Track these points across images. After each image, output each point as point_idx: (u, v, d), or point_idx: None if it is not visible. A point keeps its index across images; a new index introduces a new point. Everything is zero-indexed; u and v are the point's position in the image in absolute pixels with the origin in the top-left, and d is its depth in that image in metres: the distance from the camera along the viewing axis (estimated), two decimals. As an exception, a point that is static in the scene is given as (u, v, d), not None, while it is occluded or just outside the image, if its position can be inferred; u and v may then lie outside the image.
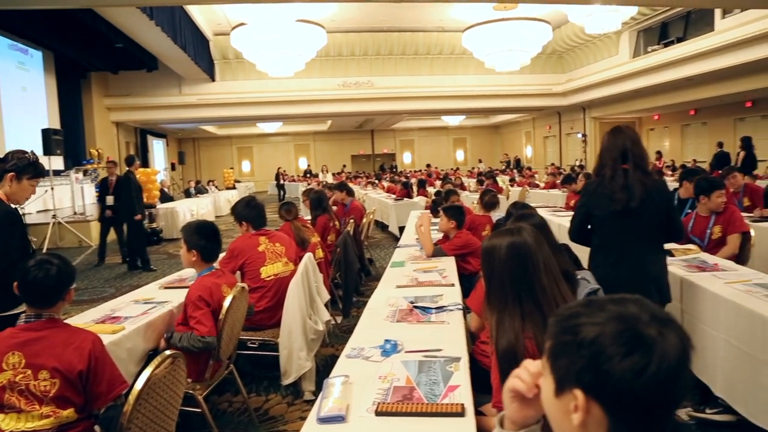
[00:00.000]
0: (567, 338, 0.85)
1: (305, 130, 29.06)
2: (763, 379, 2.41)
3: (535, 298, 1.68)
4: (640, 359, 0.79)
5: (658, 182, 2.87)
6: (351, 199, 6.84)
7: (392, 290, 3.14)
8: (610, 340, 0.81)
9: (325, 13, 14.89)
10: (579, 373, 0.82)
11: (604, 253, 2.87)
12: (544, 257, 1.74)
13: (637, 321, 0.82)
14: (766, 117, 16.70)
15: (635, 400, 0.80)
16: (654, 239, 2.81)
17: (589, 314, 0.85)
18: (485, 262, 1.79)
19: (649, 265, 2.78)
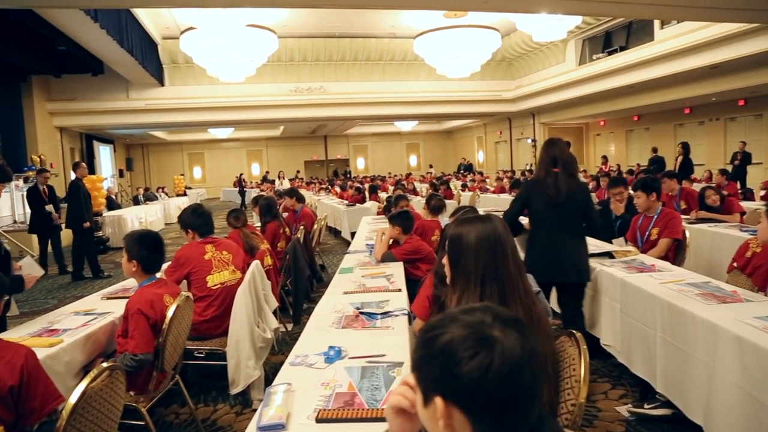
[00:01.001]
0: (425, 351, 0.91)
1: (258, 136, 28.74)
2: (695, 374, 2.53)
3: (500, 284, 1.68)
4: (485, 358, 0.84)
5: (580, 184, 3.48)
6: (301, 205, 6.81)
7: (339, 297, 3.15)
8: (458, 346, 0.86)
9: (277, 18, 14.79)
10: (437, 381, 0.88)
11: (536, 240, 3.51)
12: (512, 246, 1.76)
13: (481, 325, 0.89)
14: (703, 123, 17.50)
15: (488, 398, 0.84)
16: (575, 229, 3.43)
17: (442, 326, 0.91)
18: (453, 247, 1.78)
19: (570, 250, 3.40)
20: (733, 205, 5.64)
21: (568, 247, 3.39)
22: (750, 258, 3.35)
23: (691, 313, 2.51)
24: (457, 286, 1.73)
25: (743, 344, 2.16)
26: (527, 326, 0.93)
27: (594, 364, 3.83)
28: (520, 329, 0.90)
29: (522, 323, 0.93)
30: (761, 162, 14.51)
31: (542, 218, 3.47)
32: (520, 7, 8.84)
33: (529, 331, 0.92)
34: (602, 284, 3.47)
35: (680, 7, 7.92)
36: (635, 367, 3.12)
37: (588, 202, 3.48)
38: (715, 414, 2.36)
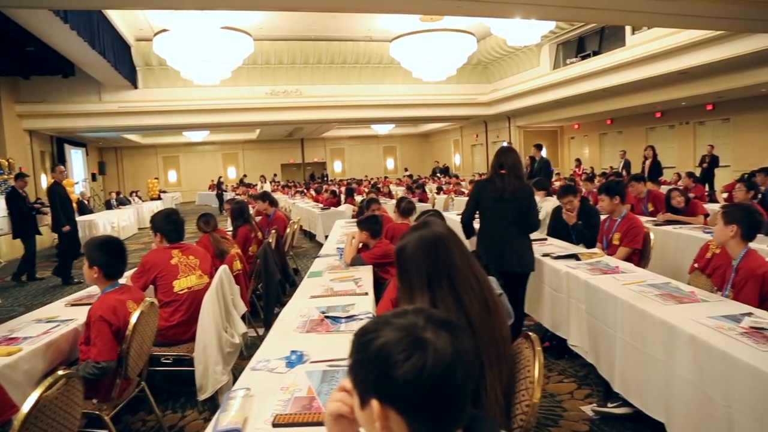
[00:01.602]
0: (360, 355, 0.92)
1: (234, 139, 28.48)
2: (652, 374, 2.59)
3: (450, 282, 1.69)
4: (418, 360, 0.87)
5: (525, 185, 3.84)
6: (274, 209, 6.77)
7: (306, 301, 3.15)
8: (392, 349, 0.88)
9: (252, 20, 14.71)
10: (373, 384, 0.90)
11: (484, 232, 3.88)
12: (457, 242, 1.78)
13: (414, 327, 0.91)
14: (674, 127, 17.84)
15: (422, 398, 0.87)
16: (519, 226, 3.76)
17: (376, 330, 0.93)
18: (398, 262, 1.80)
19: (513, 241, 3.75)
20: (697, 207, 5.76)
21: (512, 238, 3.76)
22: (710, 259, 3.42)
23: (650, 313, 2.56)
24: (407, 296, 1.75)
25: (697, 343, 2.21)
26: (459, 326, 0.95)
27: (562, 365, 3.89)
28: (452, 330, 0.92)
29: (454, 324, 0.95)
30: (729, 165, 14.84)
31: (490, 213, 3.85)
32: (493, 11, 8.92)
33: (461, 331, 0.94)
34: (569, 286, 3.52)
35: (649, 14, 8.08)
36: (600, 368, 3.17)
37: (530, 201, 3.80)
38: (675, 411, 2.41)
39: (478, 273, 1.76)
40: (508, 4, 7.62)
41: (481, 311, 1.67)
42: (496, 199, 3.74)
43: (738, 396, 1.99)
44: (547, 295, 3.87)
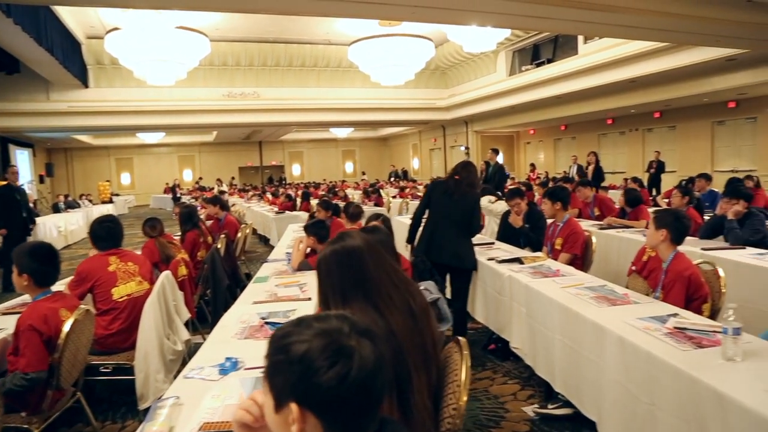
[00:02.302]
0: (280, 357, 0.93)
1: (190, 141, 27.94)
2: (588, 374, 2.66)
3: (366, 295, 1.70)
4: (343, 367, 0.89)
5: (474, 192, 4.13)
6: (225, 213, 6.68)
7: (248, 306, 3.12)
8: (317, 354, 0.90)
9: (208, 21, 14.47)
10: (293, 387, 0.91)
11: (428, 225, 4.15)
12: (374, 254, 1.77)
13: (339, 334, 0.93)
14: (624, 133, 18.42)
15: (342, 404, 0.90)
16: (461, 225, 4.03)
17: (298, 333, 0.94)
18: (317, 276, 1.81)
19: (451, 238, 4.01)
20: (641, 212, 5.95)
21: (454, 236, 4.02)
22: (646, 262, 3.54)
23: (583, 315, 2.64)
24: (323, 308, 1.77)
25: (625, 344, 2.28)
26: (378, 335, 0.98)
27: (506, 367, 3.96)
28: (373, 338, 0.96)
29: (374, 332, 0.97)
30: (675, 170, 15.38)
31: (437, 209, 4.14)
32: (448, 18, 9.03)
33: (379, 339, 0.97)
34: (511, 289, 3.58)
35: (599, 24, 8.31)
36: (539, 369, 3.24)
37: (475, 206, 4.09)
38: (605, 410, 2.48)
39: (400, 282, 1.77)
40: (462, 11, 7.73)
41: (405, 319, 1.69)
42: (445, 197, 4.07)
43: (660, 394, 2.07)
44: (492, 299, 3.93)
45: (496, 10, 7.39)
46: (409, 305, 1.73)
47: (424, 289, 2.55)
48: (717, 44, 9.64)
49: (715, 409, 1.78)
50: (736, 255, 4.03)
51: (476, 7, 7.24)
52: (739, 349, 1.95)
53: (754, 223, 4.49)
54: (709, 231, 4.76)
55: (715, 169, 15.00)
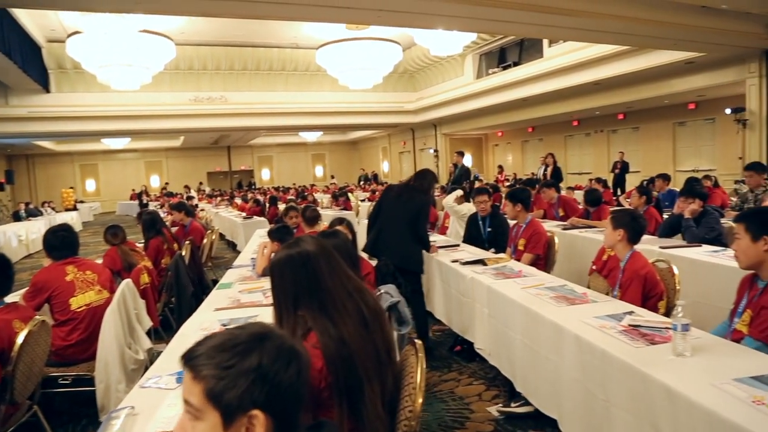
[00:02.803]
0: (228, 373, 0.95)
1: (157, 147, 27.42)
2: (546, 373, 2.70)
3: (320, 302, 1.70)
4: (297, 364, 0.99)
5: (425, 198, 4.33)
6: (190, 219, 6.59)
7: (209, 314, 3.09)
8: (273, 359, 0.96)
9: (173, 24, 14.28)
10: (253, 395, 0.94)
11: (378, 226, 4.32)
12: (328, 260, 1.77)
13: (282, 338, 1.01)
14: (589, 134, 18.76)
15: (298, 400, 1.00)
16: (406, 228, 4.19)
17: (242, 351, 0.97)
18: (270, 280, 1.81)
19: (395, 238, 4.18)
20: (604, 212, 6.06)
21: (400, 236, 4.19)
22: (606, 261, 3.61)
23: (542, 315, 2.68)
24: (276, 312, 1.76)
25: (581, 342, 2.33)
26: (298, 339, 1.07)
27: (472, 368, 3.99)
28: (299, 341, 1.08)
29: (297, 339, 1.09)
30: (639, 170, 15.72)
31: (385, 211, 4.34)
32: (414, 22, 9.08)
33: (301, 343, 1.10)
34: (474, 291, 3.62)
35: (563, 28, 8.48)
36: (503, 369, 3.28)
37: (421, 211, 4.25)
38: (565, 408, 2.53)
39: (353, 289, 1.77)
40: (428, 15, 7.78)
41: (357, 328, 1.69)
42: (394, 200, 4.31)
43: (614, 391, 2.11)
44: (456, 300, 3.97)
45: (460, 14, 7.46)
46: (362, 313, 1.73)
47: (384, 293, 2.57)
48: (674, 47, 9.92)
49: (665, 404, 1.83)
50: (693, 252, 4.14)
51: (441, 11, 7.30)
52: (688, 345, 2.01)
53: (709, 222, 4.61)
54: (667, 229, 4.88)
55: (677, 168, 15.40)
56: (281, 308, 1.74)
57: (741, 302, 2.42)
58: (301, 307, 1.71)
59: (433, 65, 19.74)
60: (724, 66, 10.89)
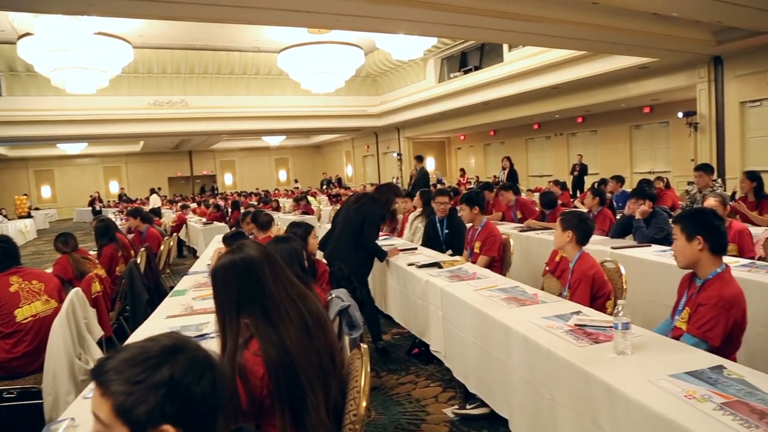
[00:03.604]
0: (137, 388, 0.93)
1: (115, 152, 26.79)
2: (497, 374, 2.73)
3: (263, 309, 1.69)
4: (211, 375, 0.98)
5: (373, 208, 4.39)
6: (146, 225, 6.46)
7: (160, 321, 3.03)
8: (185, 372, 0.95)
9: (130, 27, 13.98)
10: (164, 410, 0.92)
11: (331, 233, 4.58)
12: (272, 266, 1.76)
13: (196, 350, 1.00)
14: (550, 138, 19.11)
15: (210, 411, 0.98)
16: (352, 236, 4.33)
17: (153, 365, 0.95)
18: (212, 286, 1.79)
19: (342, 248, 4.32)
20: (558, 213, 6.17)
21: (342, 243, 4.37)
22: (558, 262, 3.67)
23: (491, 316, 2.72)
24: (219, 319, 1.74)
25: (528, 343, 2.37)
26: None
27: (430, 370, 4.02)
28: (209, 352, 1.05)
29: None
30: (598, 172, 16.07)
31: (340, 218, 4.55)
32: (374, 27, 9.14)
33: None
34: (429, 294, 3.64)
35: (520, 33, 8.63)
36: (456, 371, 3.31)
37: (365, 220, 4.33)
38: (515, 407, 2.56)
39: (297, 296, 1.77)
40: (388, 19, 7.82)
41: (300, 336, 1.68)
42: (349, 208, 4.47)
43: (559, 390, 2.16)
44: (412, 303, 3.99)
45: (420, 18, 7.53)
46: (305, 320, 1.72)
47: (335, 297, 2.57)
48: (628, 53, 10.20)
49: (605, 402, 1.87)
50: (642, 252, 4.25)
51: (401, 16, 7.35)
52: (628, 343, 2.06)
53: (659, 222, 4.75)
54: (618, 230, 5.01)
55: (634, 170, 15.82)
56: (224, 315, 1.72)
57: (681, 300, 2.50)
58: (243, 313, 1.70)
59: (395, 69, 19.84)
60: (675, 71, 11.24)
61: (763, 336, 3.08)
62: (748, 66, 9.95)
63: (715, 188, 6.54)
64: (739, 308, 2.23)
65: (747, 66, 9.98)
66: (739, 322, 2.24)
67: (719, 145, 10.75)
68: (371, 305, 4.46)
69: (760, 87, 9.91)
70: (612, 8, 7.45)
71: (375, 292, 4.85)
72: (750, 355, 3.12)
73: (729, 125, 10.53)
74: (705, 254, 2.35)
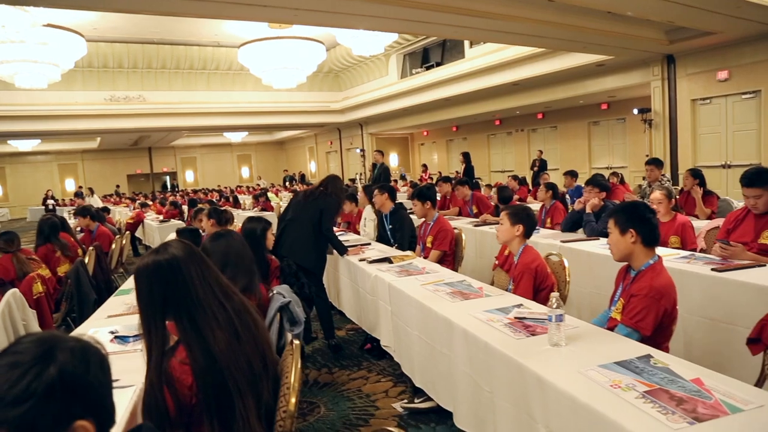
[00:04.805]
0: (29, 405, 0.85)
1: (71, 148, 25.90)
2: (441, 368, 2.75)
3: (188, 313, 1.61)
4: (96, 359, 0.96)
5: (328, 201, 4.39)
6: (97, 224, 6.29)
7: (101, 321, 2.95)
8: (72, 367, 0.91)
9: (84, 19, 13.54)
10: (70, 410, 0.89)
11: (284, 227, 4.43)
12: (198, 266, 1.67)
13: (68, 341, 0.96)
14: (511, 133, 19.33)
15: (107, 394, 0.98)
16: (308, 228, 4.29)
17: (34, 377, 0.88)
18: (135, 287, 1.69)
19: (297, 241, 4.27)
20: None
21: (299, 236, 4.29)
22: (507, 256, 3.70)
23: (435, 311, 2.73)
24: (143, 322, 1.64)
25: (468, 336, 2.39)
26: None
27: (382, 365, 4.02)
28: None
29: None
30: (557, 168, 16.34)
31: (293, 211, 4.50)
32: (332, 22, 9.05)
33: None
34: (378, 289, 3.65)
35: (479, 30, 8.69)
36: (404, 366, 3.32)
37: (323, 212, 4.33)
38: (458, 400, 2.59)
39: (226, 299, 1.69)
40: (346, 14, 7.77)
41: (229, 340, 1.62)
42: (301, 201, 4.46)
43: (497, 382, 2.18)
44: (363, 299, 3.99)
45: (379, 14, 7.50)
46: (233, 324, 1.65)
47: (276, 293, 2.53)
48: (585, 50, 10.38)
49: (538, 393, 1.90)
50: (590, 246, 4.33)
51: (360, 11, 7.32)
52: (562, 335, 2.10)
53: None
54: (569, 224, 5.10)
55: (593, 166, 16.12)
56: (148, 320, 1.62)
57: (617, 292, 2.56)
58: (169, 318, 1.63)
59: (357, 65, 19.77)
60: (631, 69, 11.51)
61: (700, 325, 3.17)
62: (699, 65, 10.25)
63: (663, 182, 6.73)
64: (669, 298, 2.29)
65: (698, 65, 10.28)
66: (670, 311, 2.30)
67: (672, 141, 11.06)
68: (324, 301, 4.44)
69: (709, 85, 10.22)
70: (569, 6, 7.56)
71: (328, 288, 4.84)
72: (688, 344, 3.23)
73: (681, 122, 10.84)
74: (638, 246, 2.40)
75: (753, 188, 3.35)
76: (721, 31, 8.75)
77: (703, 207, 5.57)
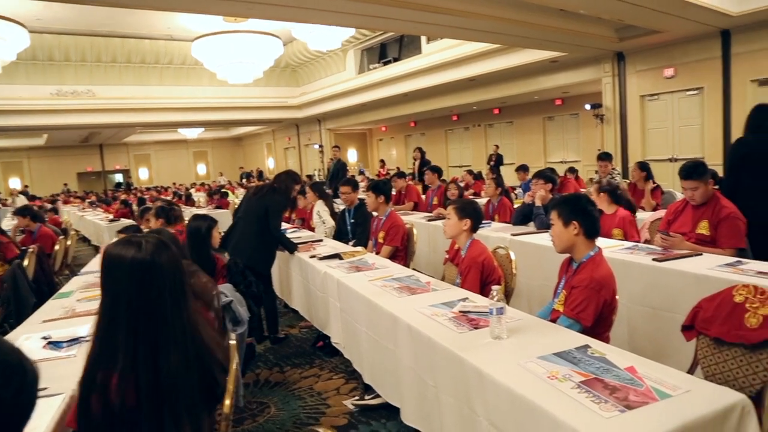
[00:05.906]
0: None
1: (15, 145, 24.67)
2: (388, 364, 2.74)
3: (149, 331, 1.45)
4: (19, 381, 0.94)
5: (276, 197, 4.38)
6: (38, 225, 6.05)
7: (36, 326, 2.83)
8: None
9: (26, 9, 12.94)
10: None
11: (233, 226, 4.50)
12: (176, 285, 1.52)
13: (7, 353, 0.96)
14: (468, 129, 19.52)
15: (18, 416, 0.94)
16: (255, 227, 4.29)
17: None
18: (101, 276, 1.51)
19: (245, 241, 4.27)
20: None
21: (245, 234, 4.31)
22: (457, 250, 3.73)
23: (380, 306, 2.72)
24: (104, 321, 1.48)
25: (412, 331, 2.38)
26: None
27: (334, 362, 3.99)
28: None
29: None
30: (513, 162, 16.56)
31: (241, 210, 4.55)
32: (287, 16, 8.90)
33: None
34: (327, 285, 3.61)
35: (435, 25, 8.69)
36: (354, 362, 3.30)
37: (268, 209, 4.29)
38: (404, 397, 2.58)
39: (189, 319, 1.53)
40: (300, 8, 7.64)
41: (179, 365, 1.47)
42: (251, 199, 4.47)
43: (441, 377, 2.18)
44: (314, 296, 3.95)
45: (335, 8, 7.43)
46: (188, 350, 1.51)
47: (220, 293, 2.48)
48: (539, 47, 10.55)
49: (478, 386, 1.90)
50: (539, 238, 4.39)
51: (315, 5, 7.24)
52: (504, 328, 2.11)
53: (557, 209, 4.93)
54: (520, 217, 5.16)
55: (548, 160, 16.41)
56: (105, 319, 1.47)
57: (560, 283, 2.59)
58: (129, 321, 1.46)
59: (315, 60, 19.60)
60: (583, 65, 11.75)
61: (643, 314, 3.25)
62: (647, 62, 10.54)
63: (613, 175, 6.89)
64: (609, 289, 2.33)
65: (646, 62, 10.57)
66: (609, 301, 2.35)
67: (623, 135, 11.34)
68: (271, 297, 4.41)
69: (656, 82, 10.52)
70: (523, 3, 7.65)
71: (280, 286, 4.78)
72: (632, 333, 3.31)
73: (631, 117, 11.13)
74: (580, 238, 2.44)
75: (690, 180, 3.46)
76: (668, 30, 9.01)
77: (650, 199, 5.75)
